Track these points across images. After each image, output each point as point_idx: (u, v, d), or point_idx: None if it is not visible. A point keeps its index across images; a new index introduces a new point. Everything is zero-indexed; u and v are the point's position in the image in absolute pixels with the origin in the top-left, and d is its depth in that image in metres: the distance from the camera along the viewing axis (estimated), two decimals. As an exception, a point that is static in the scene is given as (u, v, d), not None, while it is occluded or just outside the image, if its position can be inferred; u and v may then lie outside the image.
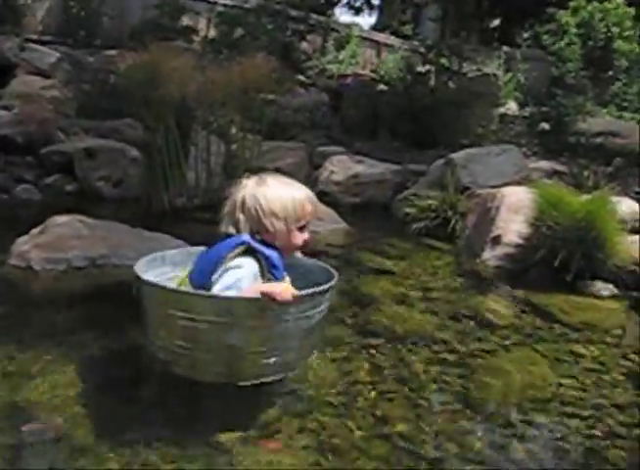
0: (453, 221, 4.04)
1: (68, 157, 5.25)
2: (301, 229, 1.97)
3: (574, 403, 2.11)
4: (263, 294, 1.76)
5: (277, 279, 1.90)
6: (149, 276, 2.03)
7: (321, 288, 1.93)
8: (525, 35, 14.78)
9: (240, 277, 1.82)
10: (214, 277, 1.84)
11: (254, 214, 1.89)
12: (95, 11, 10.57)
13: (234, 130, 4.83)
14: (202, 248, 2.24)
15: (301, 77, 11.01)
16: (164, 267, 2.27)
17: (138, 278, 1.95)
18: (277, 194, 1.90)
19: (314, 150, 5.69)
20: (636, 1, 10.73)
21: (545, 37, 13.14)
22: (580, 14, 11.71)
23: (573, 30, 12.40)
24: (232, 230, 1.93)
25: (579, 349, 2.53)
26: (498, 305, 2.96)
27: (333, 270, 2.12)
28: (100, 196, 4.99)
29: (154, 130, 4.62)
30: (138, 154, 5.12)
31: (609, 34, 11.53)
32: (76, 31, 10.10)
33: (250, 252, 1.86)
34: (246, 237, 1.87)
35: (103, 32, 10.41)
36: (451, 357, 2.40)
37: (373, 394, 2.12)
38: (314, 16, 13.28)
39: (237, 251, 1.84)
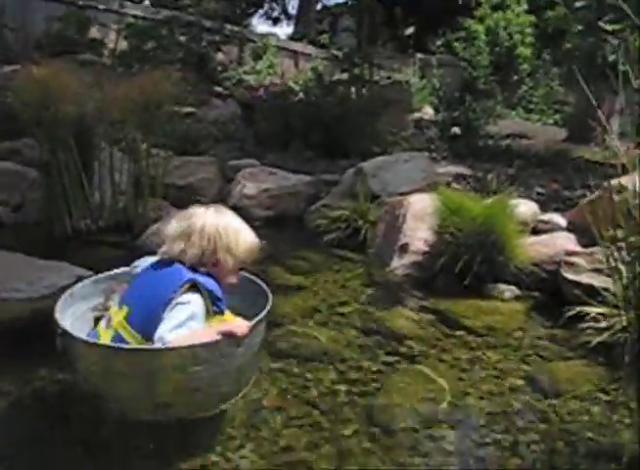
0: (364, 231, 4.05)
1: (-40, 182, 4.89)
2: (239, 269, 2.02)
3: (477, 413, 2.12)
4: (224, 334, 1.78)
5: (221, 311, 1.89)
6: (65, 321, 1.92)
7: (265, 311, 1.95)
8: (439, 42, 15.28)
9: (191, 315, 1.79)
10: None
11: (212, 245, 1.89)
12: (-6, 23, 10.01)
13: (141, 146, 4.65)
14: (110, 273, 2.22)
15: (218, 89, 10.87)
16: (77, 304, 2.14)
17: (74, 338, 1.83)
18: (237, 232, 1.94)
19: (226, 164, 5.58)
20: (535, 9, 11.30)
21: (456, 44, 13.65)
22: (486, 22, 12.22)
23: (482, 37, 12.95)
24: (177, 253, 1.88)
25: (482, 355, 2.56)
26: (405, 316, 2.96)
27: (264, 286, 2.15)
28: (-3, 222, 4.67)
29: (52, 150, 4.38)
30: (37, 175, 4.84)
31: (512, 41, 12.11)
32: (-26, 46, 9.52)
33: (194, 287, 1.83)
34: (190, 274, 1.84)
35: (4, 46, 9.87)
36: (357, 375, 2.38)
37: (279, 419, 2.06)
38: (229, 26, 13.17)
39: (183, 289, 1.81)
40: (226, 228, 1.92)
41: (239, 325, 1.84)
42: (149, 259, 2.06)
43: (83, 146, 4.50)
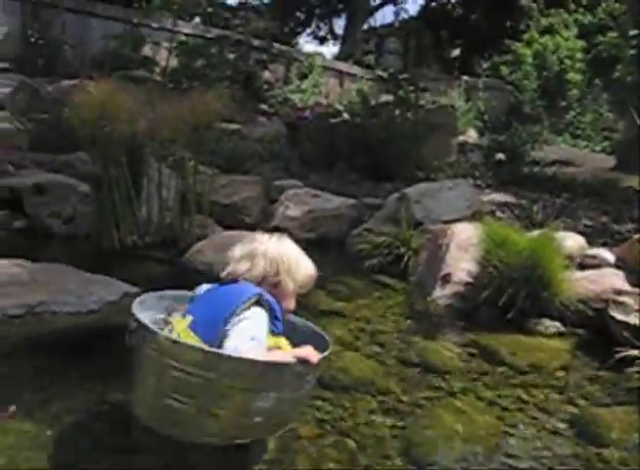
0: (406, 258, 4.04)
1: (16, 192, 5.10)
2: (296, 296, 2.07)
3: (517, 456, 2.08)
4: (299, 358, 1.80)
5: (277, 331, 1.93)
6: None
7: (328, 352, 1.95)
8: (485, 65, 15.20)
9: (260, 330, 1.82)
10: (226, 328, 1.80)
11: (275, 267, 1.96)
12: (55, 39, 10.47)
13: (189, 164, 4.77)
14: (174, 293, 2.21)
15: (264, 107, 11.06)
16: (142, 313, 2.16)
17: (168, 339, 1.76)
18: (298, 258, 2.03)
19: (271, 183, 5.66)
20: (585, 34, 11.14)
21: (503, 68, 13.55)
22: (534, 46, 12.11)
23: (529, 61, 12.82)
24: (242, 272, 1.93)
25: (524, 394, 2.51)
26: (445, 349, 2.93)
27: (324, 333, 2.14)
28: (50, 233, 4.83)
29: (104, 166, 4.54)
30: (89, 189, 5.01)
31: (562, 66, 11.96)
32: (35, 60, 9.98)
33: (258, 302, 1.87)
34: (258, 289, 1.89)
35: (63, 61, 10.30)
36: (395, 407, 2.36)
37: (314, 449, 2.06)
38: (277, 45, 13.43)
39: (251, 301, 1.84)
40: (288, 253, 2.01)
41: (313, 353, 1.86)
42: (206, 286, 2.11)
43: (134, 162, 4.64)
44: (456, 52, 17.62)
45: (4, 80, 7.98)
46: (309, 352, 1.85)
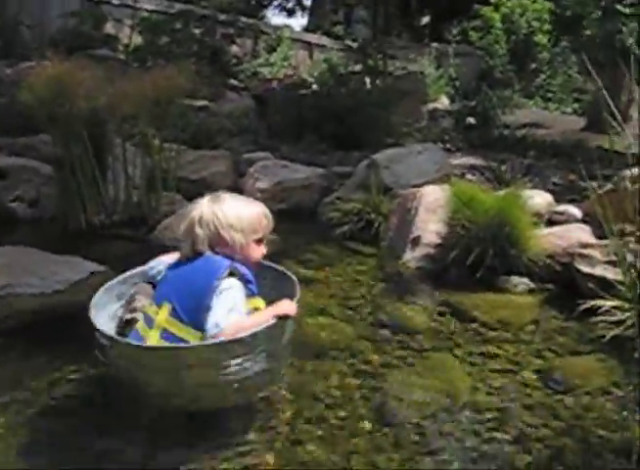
0: (376, 224, 4.02)
1: (-23, 178, 4.96)
2: (258, 242, 2.01)
3: (486, 409, 2.10)
4: (279, 316, 1.86)
5: (254, 294, 1.94)
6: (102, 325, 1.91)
7: (298, 293, 2.03)
8: (455, 32, 15.08)
9: (237, 300, 1.85)
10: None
11: (213, 229, 1.90)
12: (11, 20, 10.11)
13: (154, 141, 4.67)
14: (140, 270, 2.19)
15: (233, 82, 10.87)
16: (112, 305, 2.14)
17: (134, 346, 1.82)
18: (233, 208, 1.94)
19: (240, 157, 5.58)
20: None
21: (472, 33, 13.46)
22: (502, 9, 12.04)
23: (498, 25, 12.75)
24: (189, 250, 1.91)
25: (494, 349, 2.54)
26: (417, 310, 2.95)
27: (291, 274, 2.19)
28: (14, 217, 4.72)
29: (66, 145, 4.42)
30: (52, 171, 4.89)
31: (530, 28, 11.92)
32: (-7, 42, 9.63)
33: (231, 273, 1.87)
34: (227, 261, 1.87)
35: (21, 43, 9.96)
36: (367, 369, 2.37)
37: (288, 414, 2.06)
38: (244, 19, 13.15)
39: (223, 276, 1.83)
40: (221, 209, 1.92)
41: (289, 305, 1.91)
42: (164, 259, 2.07)
43: (97, 141, 4.52)
44: (425, 19, 17.47)
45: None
46: (287, 307, 1.90)
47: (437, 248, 3.43)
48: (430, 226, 3.51)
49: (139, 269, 2.22)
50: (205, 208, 1.93)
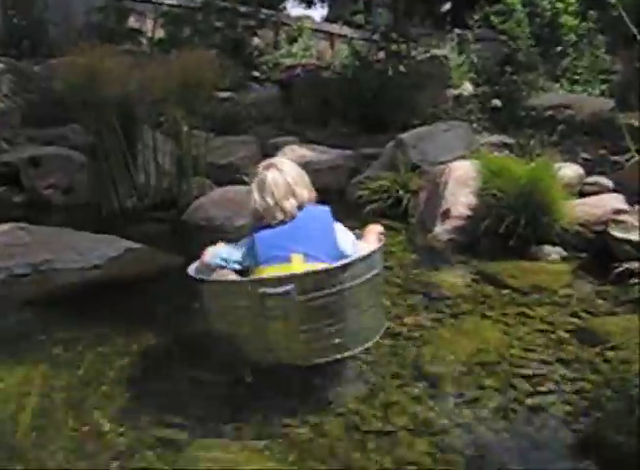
0: (405, 200, 4.04)
1: (13, 167, 5.10)
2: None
3: (522, 364, 2.11)
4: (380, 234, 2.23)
5: None
6: None
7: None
8: (476, 17, 14.88)
9: (348, 232, 2.15)
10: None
11: (290, 188, 2.03)
12: (38, 19, 10.30)
13: (183, 127, 4.74)
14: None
15: (255, 73, 10.92)
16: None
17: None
18: (295, 169, 2.13)
19: (266, 142, 5.63)
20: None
21: (494, 18, 13.27)
22: (523, -8, 11.87)
23: (520, 8, 12.55)
24: (288, 209, 2.01)
25: (528, 311, 2.54)
26: (449, 278, 2.96)
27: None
28: (49, 204, 4.85)
29: (98, 133, 4.52)
30: (85, 159, 5.00)
31: (554, 10, 11.71)
32: (20, 41, 9.83)
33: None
34: (325, 206, 2.10)
35: (48, 40, 10.14)
36: (403, 330, 2.39)
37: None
38: (264, 10, 13.17)
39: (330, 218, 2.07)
40: (300, 171, 2.12)
41: (376, 226, 2.31)
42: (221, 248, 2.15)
43: (127, 129, 4.62)
44: (447, 6, 17.28)
45: (-10, 64, 7.88)
46: (378, 228, 2.27)
47: (468, 219, 3.43)
48: (460, 199, 3.51)
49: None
50: (268, 174, 2.05)
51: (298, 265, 1.94)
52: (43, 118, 6.16)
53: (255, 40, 12.27)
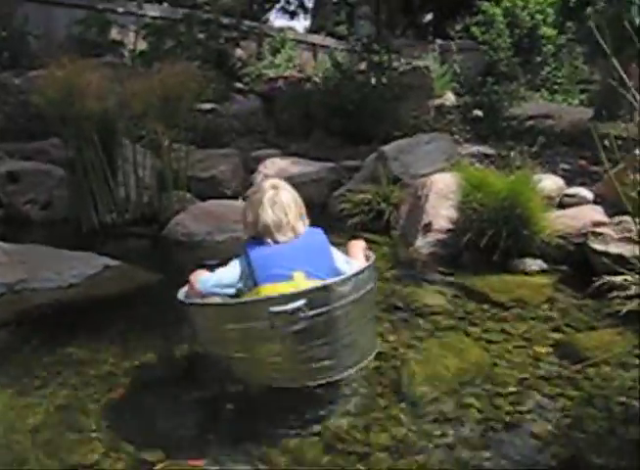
0: (387, 213, 4.03)
1: (-10, 182, 5.01)
2: None
3: (504, 382, 2.10)
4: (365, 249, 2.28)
5: None
6: None
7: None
8: (458, 28, 15.05)
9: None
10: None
11: (300, 210, 2.11)
12: (18, 31, 10.21)
13: (164, 141, 4.70)
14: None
15: (238, 84, 10.91)
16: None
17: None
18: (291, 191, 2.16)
19: (249, 155, 5.61)
20: (555, -13, 11.05)
21: (475, 29, 13.43)
22: (503, 4, 12.02)
23: (500, 19, 12.72)
24: (290, 227, 2.04)
25: (509, 327, 2.53)
26: (430, 293, 2.95)
27: None
28: (28, 220, 4.78)
29: (77, 148, 4.47)
30: (64, 173, 4.94)
31: (533, 21, 11.87)
32: (0, 53, 9.74)
33: None
34: (318, 229, 2.14)
35: (29, 52, 10.06)
36: (384, 348, 2.37)
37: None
38: (247, 22, 13.19)
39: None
40: (295, 195, 2.14)
41: (359, 241, 2.34)
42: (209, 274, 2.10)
43: (107, 143, 4.57)
44: (428, 17, 17.46)
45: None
46: (360, 243, 2.31)
47: (449, 233, 3.44)
48: (441, 212, 3.51)
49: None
50: (281, 194, 2.07)
51: (302, 282, 1.93)
52: (22, 132, 6.09)
53: (238, 52, 12.28)
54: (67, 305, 2.87)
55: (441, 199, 3.57)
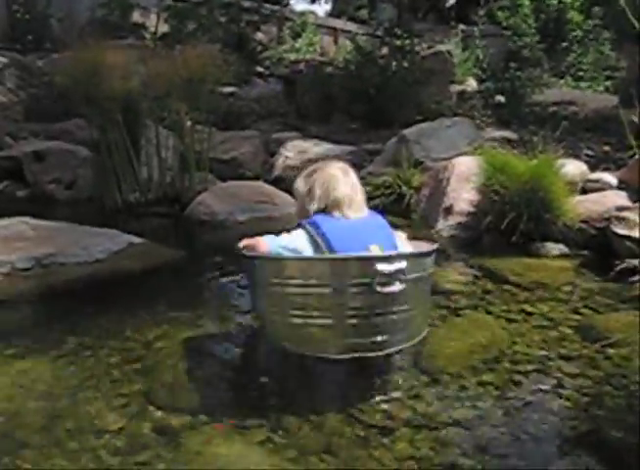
0: (408, 196, 4.04)
1: (17, 162, 5.11)
2: None
3: (523, 360, 2.12)
4: None
5: None
6: None
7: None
8: (481, 12, 14.81)
9: None
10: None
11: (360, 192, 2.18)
12: (42, 14, 10.30)
13: (186, 123, 4.75)
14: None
15: (259, 68, 10.91)
16: None
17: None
18: None
19: (269, 137, 5.63)
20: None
21: (499, 14, 13.21)
22: (529, -13, 11.81)
23: (526, 4, 12.50)
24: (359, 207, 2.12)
25: (530, 307, 2.54)
26: (451, 274, 2.96)
27: None
28: (52, 199, 4.87)
29: (102, 128, 4.53)
30: (89, 153, 5.01)
31: (560, 6, 11.66)
32: (24, 36, 9.84)
33: None
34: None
35: (52, 35, 10.15)
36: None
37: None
38: (268, 6, 13.15)
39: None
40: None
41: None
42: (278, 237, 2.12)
43: (131, 124, 4.62)
44: (452, 1, 17.21)
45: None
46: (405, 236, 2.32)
47: (470, 216, 3.44)
48: (462, 195, 3.51)
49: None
50: (351, 174, 2.17)
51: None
52: (47, 113, 6.18)
53: (259, 35, 12.25)
54: (92, 280, 2.93)
55: (463, 182, 3.57)
